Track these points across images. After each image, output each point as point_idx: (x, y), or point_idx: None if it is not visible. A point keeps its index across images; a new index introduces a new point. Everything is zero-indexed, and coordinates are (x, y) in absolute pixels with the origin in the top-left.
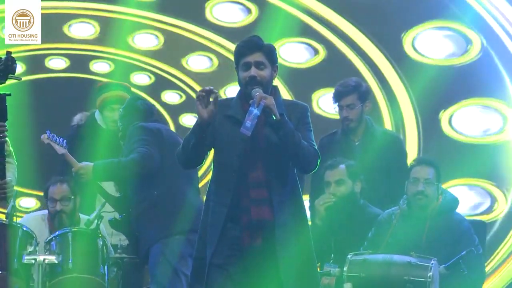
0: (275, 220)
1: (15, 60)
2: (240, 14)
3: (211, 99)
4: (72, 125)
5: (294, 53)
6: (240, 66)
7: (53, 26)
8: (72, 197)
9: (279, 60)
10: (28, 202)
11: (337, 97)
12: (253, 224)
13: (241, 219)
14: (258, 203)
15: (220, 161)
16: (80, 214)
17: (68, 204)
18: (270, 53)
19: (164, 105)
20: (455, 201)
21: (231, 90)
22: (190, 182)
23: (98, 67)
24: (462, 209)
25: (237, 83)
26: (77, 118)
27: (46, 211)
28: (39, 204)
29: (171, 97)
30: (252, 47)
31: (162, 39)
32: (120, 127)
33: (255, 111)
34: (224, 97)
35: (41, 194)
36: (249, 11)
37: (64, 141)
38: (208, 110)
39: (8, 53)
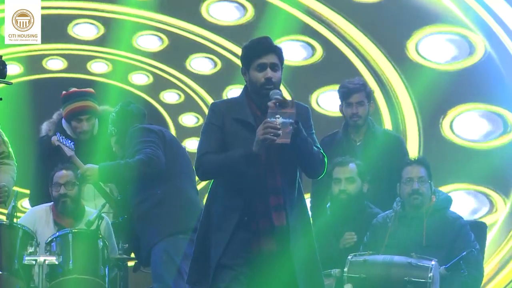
0: (290, 225)
1: (6, 64)
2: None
3: None
4: (42, 137)
5: (292, 51)
6: (254, 67)
7: (54, 26)
8: (77, 183)
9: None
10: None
11: (347, 94)
12: (273, 230)
13: (256, 224)
14: (277, 209)
15: None
16: (86, 207)
17: (72, 189)
18: (281, 55)
19: (164, 105)
20: (448, 200)
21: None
22: (190, 183)
23: (97, 67)
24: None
25: (237, 85)
26: (45, 129)
27: (51, 203)
28: None
29: (170, 96)
30: (267, 48)
31: (166, 40)
32: (114, 131)
33: (282, 119)
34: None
35: None
36: (245, 9)
37: (72, 143)
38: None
39: None
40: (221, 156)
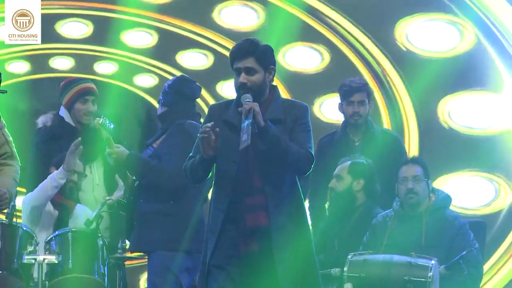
0: (271, 224)
1: (0, 73)
2: None
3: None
4: (39, 128)
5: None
6: (233, 71)
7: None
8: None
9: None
10: None
11: (349, 93)
12: (248, 231)
13: (238, 224)
14: (254, 209)
15: (218, 166)
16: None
17: (81, 181)
18: (263, 57)
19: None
20: (447, 199)
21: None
22: (200, 195)
23: (102, 68)
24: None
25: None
26: (42, 121)
27: None
28: None
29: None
30: (242, 53)
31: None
32: (160, 101)
33: (247, 122)
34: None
35: None
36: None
37: (113, 126)
38: (212, 148)
39: None
40: (191, 161)
